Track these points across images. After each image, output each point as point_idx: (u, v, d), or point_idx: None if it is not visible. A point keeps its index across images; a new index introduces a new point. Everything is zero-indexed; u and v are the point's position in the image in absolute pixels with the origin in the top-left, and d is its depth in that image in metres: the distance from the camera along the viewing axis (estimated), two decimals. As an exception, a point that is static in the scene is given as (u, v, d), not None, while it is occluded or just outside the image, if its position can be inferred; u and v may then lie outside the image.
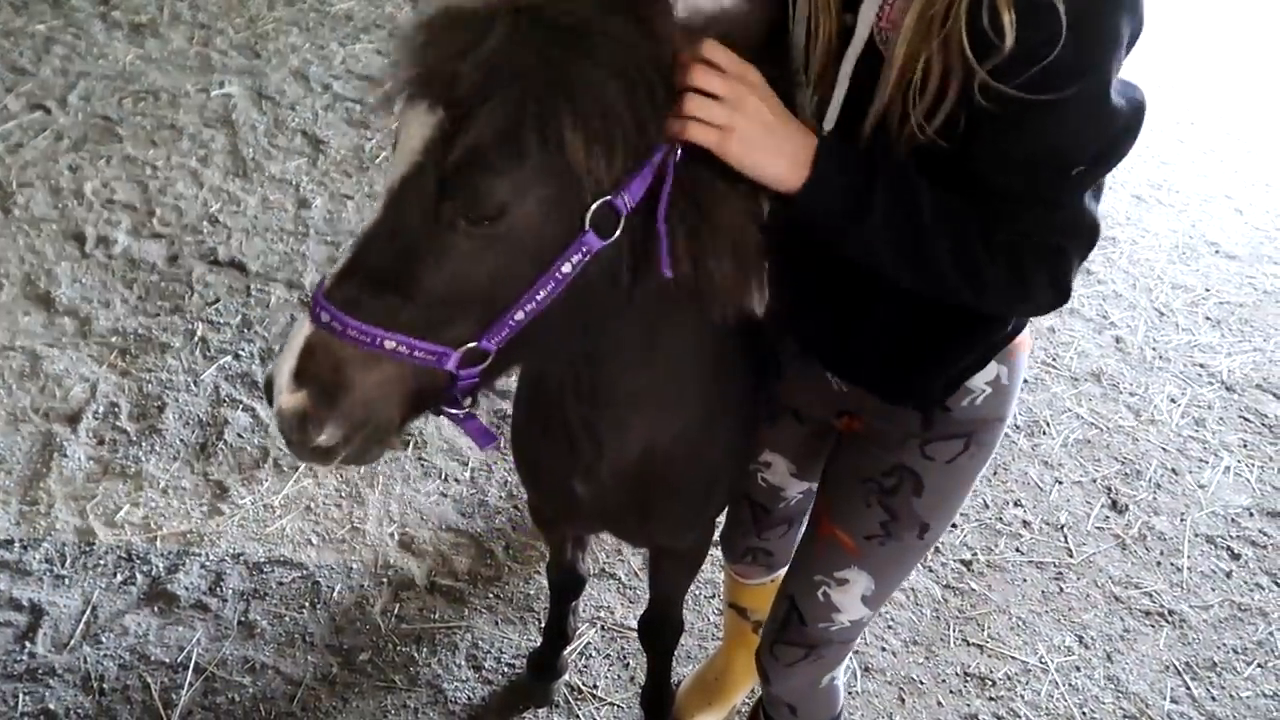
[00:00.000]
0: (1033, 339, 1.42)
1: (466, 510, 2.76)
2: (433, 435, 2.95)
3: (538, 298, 1.06)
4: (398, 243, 1.03)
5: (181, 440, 2.85)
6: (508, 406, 3.06)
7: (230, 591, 2.47)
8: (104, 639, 2.33)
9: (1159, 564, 2.83)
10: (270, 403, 1.07)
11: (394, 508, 2.74)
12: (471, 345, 1.07)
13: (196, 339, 3.15)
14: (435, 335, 1.05)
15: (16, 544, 2.50)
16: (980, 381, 1.37)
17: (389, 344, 1.03)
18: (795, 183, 1.11)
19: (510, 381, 3.06)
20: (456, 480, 2.84)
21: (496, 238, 1.03)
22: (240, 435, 2.88)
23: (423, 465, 2.86)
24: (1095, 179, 1.13)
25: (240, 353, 3.12)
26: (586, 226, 1.05)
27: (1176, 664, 2.57)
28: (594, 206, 1.04)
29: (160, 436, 2.84)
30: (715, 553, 2.70)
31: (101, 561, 2.50)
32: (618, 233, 1.07)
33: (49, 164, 3.77)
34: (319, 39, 4.77)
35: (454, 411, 1.15)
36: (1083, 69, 1.03)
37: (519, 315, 1.07)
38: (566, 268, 1.06)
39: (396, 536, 2.67)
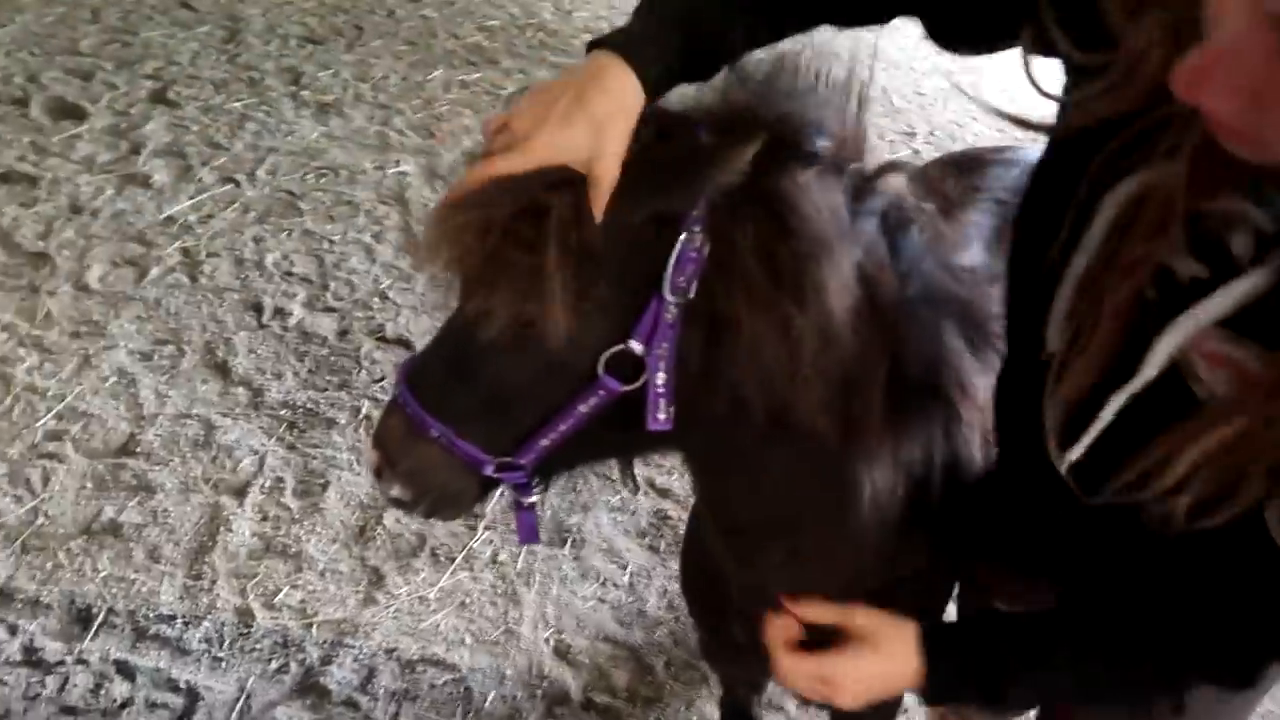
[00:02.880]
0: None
1: (625, 619, 2.60)
2: (591, 533, 2.82)
3: (560, 429, 1.10)
4: (454, 336, 1.12)
5: (341, 521, 2.80)
6: (669, 507, 2.92)
7: (382, 690, 2.37)
8: (256, 732, 2.27)
9: None
10: None
11: (550, 610, 2.60)
12: (505, 459, 1.12)
13: (361, 416, 3.14)
14: (474, 436, 1.11)
15: (179, 620, 2.48)
16: None
17: (434, 433, 1.11)
18: (918, 682, 1.09)
19: (672, 479, 2.91)
20: (615, 585, 2.69)
21: (531, 352, 1.05)
22: (398, 521, 2.82)
23: (579, 566, 2.73)
24: None
25: (402, 433, 3.09)
26: (600, 372, 1.05)
27: None
28: (608, 353, 1.04)
29: (321, 516, 2.81)
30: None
31: (258, 646, 2.45)
32: (645, 377, 1.05)
33: (235, 235, 3.90)
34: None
35: (520, 499, 1.21)
36: None
37: (544, 442, 1.11)
38: (584, 408, 1.07)
39: (552, 643, 2.53)
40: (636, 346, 1.03)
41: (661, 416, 1.07)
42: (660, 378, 1.05)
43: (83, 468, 2.88)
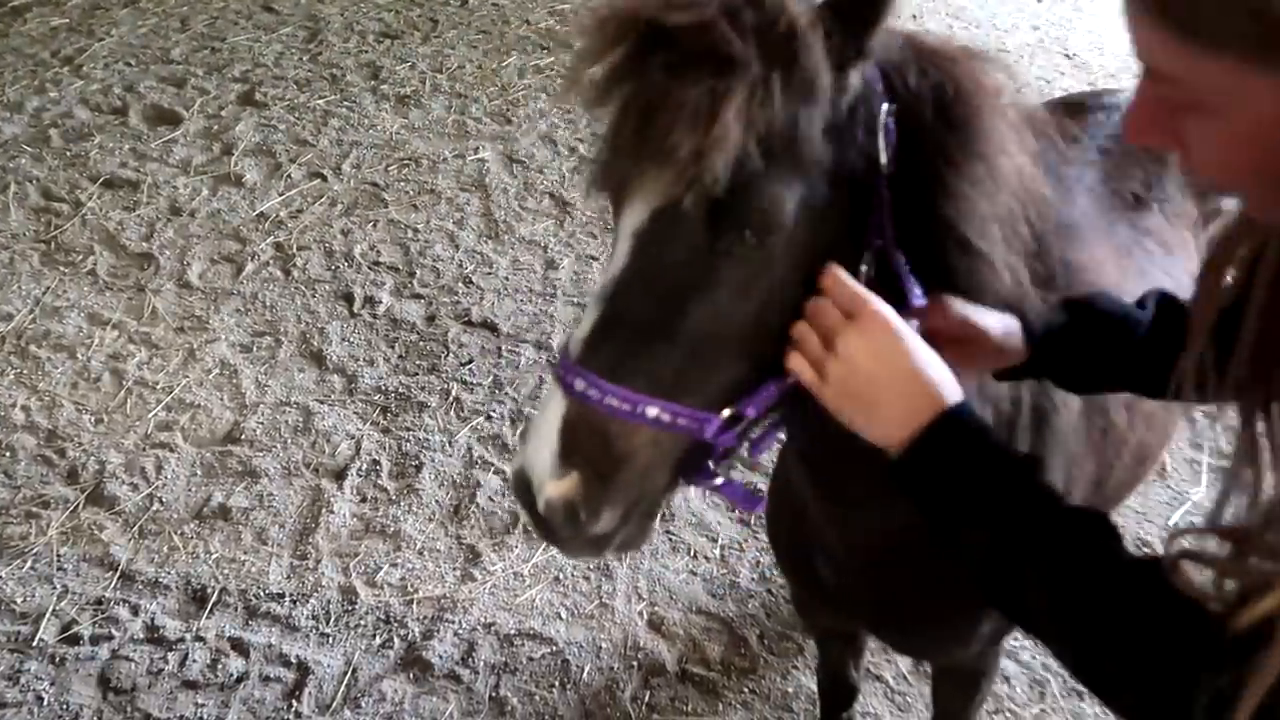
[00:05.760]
0: None
1: (717, 591, 2.60)
2: (680, 508, 2.82)
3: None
4: (654, 287, 0.95)
5: (437, 501, 2.87)
6: (759, 480, 2.90)
7: (482, 663, 2.43)
8: (363, 704, 2.34)
9: None
10: (525, 499, 0.98)
11: (642, 584, 2.62)
12: (730, 413, 0.99)
13: (451, 399, 3.21)
14: (695, 397, 0.96)
15: (287, 598, 2.58)
16: None
17: (651, 411, 0.93)
18: (892, 448, 0.95)
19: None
20: (706, 558, 2.69)
21: (769, 260, 0.96)
22: (491, 499, 2.87)
23: (671, 540, 2.74)
24: None
25: (492, 414, 3.14)
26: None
27: None
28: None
29: (417, 496, 2.88)
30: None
31: (362, 622, 2.53)
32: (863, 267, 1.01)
33: (324, 228, 4.02)
34: (565, 103, 4.89)
35: (711, 481, 1.04)
36: None
37: (773, 386, 1.00)
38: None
39: (645, 615, 2.54)
40: (877, 240, 1.01)
41: (919, 292, 1.02)
42: (901, 259, 1.02)
43: (192, 456, 3.01)
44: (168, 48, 5.36)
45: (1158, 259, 1.73)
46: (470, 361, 3.36)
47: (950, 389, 0.94)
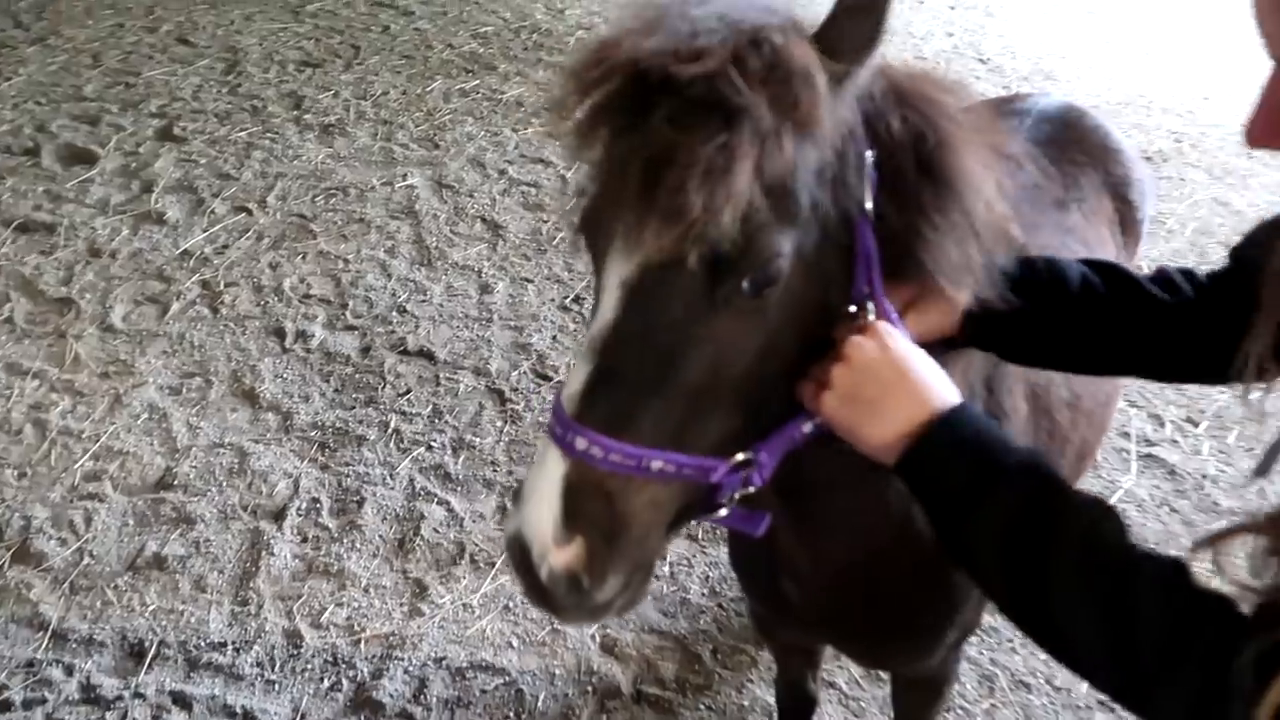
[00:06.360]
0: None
1: (668, 610, 2.60)
2: (628, 527, 2.81)
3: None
4: (648, 339, 0.91)
5: (380, 536, 2.82)
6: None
7: (434, 700, 2.38)
8: (314, 750, 2.29)
9: None
10: (523, 568, 0.93)
11: (593, 607, 2.60)
12: (743, 457, 0.97)
13: (390, 430, 3.16)
14: (694, 447, 0.94)
15: (229, 647, 2.51)
16: None
17: (655, 464, 0.90)
18: (892, 450, 0.98)
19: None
20: (655, 576, 2.68)
21: (765, 309, 0.93)
22: (436, 530, 2.83)
23: (620, 560, 2.73)
24: None
25: (432, 444, 3.10)
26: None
27: None
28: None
29: (360, 533, 2.83)
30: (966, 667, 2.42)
31: (309, 665, 2.47)
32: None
33: (251, 263, 3.94)
34: (492, 126, 4.88)
35: (713, 516, 1.03)
36: None
37: (796, 429, 1.01)
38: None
39: (598, 639, 2.53)
40: (864, 287, 1.00)
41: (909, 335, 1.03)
42: (888, 305, 1.02)
43: (123, 505, 2.92)
44: (80, 85, 5.23)
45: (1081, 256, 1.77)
46: (408, 391, 3.31)
47: (952, 391, 0.99)
